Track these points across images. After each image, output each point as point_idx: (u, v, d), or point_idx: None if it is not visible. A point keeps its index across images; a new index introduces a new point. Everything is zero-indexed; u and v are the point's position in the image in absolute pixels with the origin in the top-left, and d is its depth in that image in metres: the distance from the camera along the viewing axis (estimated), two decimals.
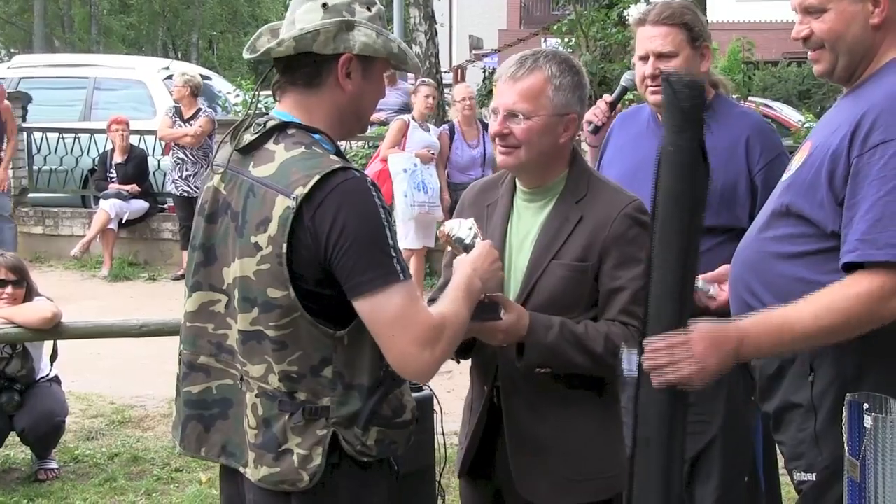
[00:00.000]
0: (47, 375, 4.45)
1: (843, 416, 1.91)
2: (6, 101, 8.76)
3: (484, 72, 15.33)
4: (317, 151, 1.85)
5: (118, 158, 9.07)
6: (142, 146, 9.41)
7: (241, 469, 1.93)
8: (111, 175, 9.08)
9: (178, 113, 8.73)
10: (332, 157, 1.85)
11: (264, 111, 1.98)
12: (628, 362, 1.96)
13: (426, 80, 8.22)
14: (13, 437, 4.41)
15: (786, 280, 2.13)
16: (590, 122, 3.10)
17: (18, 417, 4.28)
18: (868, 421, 1.86)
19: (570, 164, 2.26)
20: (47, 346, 4.45)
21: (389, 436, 1.89)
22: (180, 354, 2.03)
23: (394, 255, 1.81)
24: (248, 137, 1.91)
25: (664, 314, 1.89)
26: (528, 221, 2.27)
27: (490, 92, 12.82)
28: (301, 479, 1.84)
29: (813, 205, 2.07)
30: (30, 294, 4.21)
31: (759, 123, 2.72)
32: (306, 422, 1.84)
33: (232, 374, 1.94)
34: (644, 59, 2.69)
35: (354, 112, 1.95)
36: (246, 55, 1.96)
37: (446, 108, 11.25)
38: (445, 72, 15.17)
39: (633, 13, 11.26)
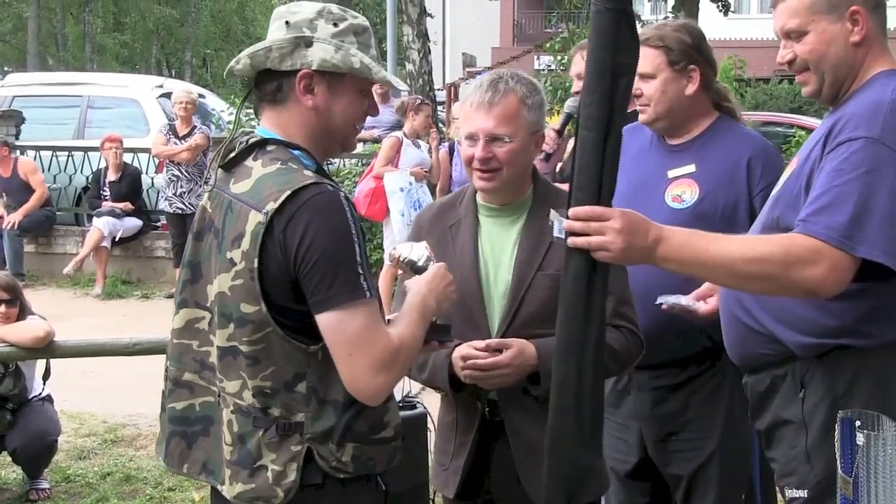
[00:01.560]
0: (40, 394, 4.43)
1: (836, 433, 1.91)
2: (20, 156, 9.19)
3: None
4: (292, 167, 1.86)
5: (112, 176, 9.08)
6: (135, 164, 9.42)
7: (219, 486, 1.93)
8: (104, 193, 9.07)
9: (172, 130, 8.75)
10: (307, 172, 1.86)
11: (252, 130, 2.01)
12: (558, 228, 1.98)
13: (424, 99, 8.25)
14: (5, 457, 4.40)
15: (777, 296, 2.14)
16: (541, 151, 3.13)
17: (10, 437, 4.26)
18: (860, 438, 1.86)
19: (534, 179, 2.33)
20: (40, 364, 4.44)
21: (367, 452, 1.88)
22: (166, 370, 2.04)
23: (361, 272, 1.81)
24: (230, 155, 1.93)
25: (586, 183, 1.90)
26: (500, 237, 2.30)
27: None
28: (276, 496, 1.84)
29: (796, 215, 2.09)
30: (23, 313, 4.20)
31: (762, 145, 2.71)
32: (280, 438, 1.85)
33: (213, 391, 1.95)
34: None
35: (325, 129, 1.93)
36: (226, 76, 2.02)
37: (440, 125, 11.28)
38: (438, 89, 15.22)
39: None
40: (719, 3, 15.32)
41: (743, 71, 13.16)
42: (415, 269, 2.12)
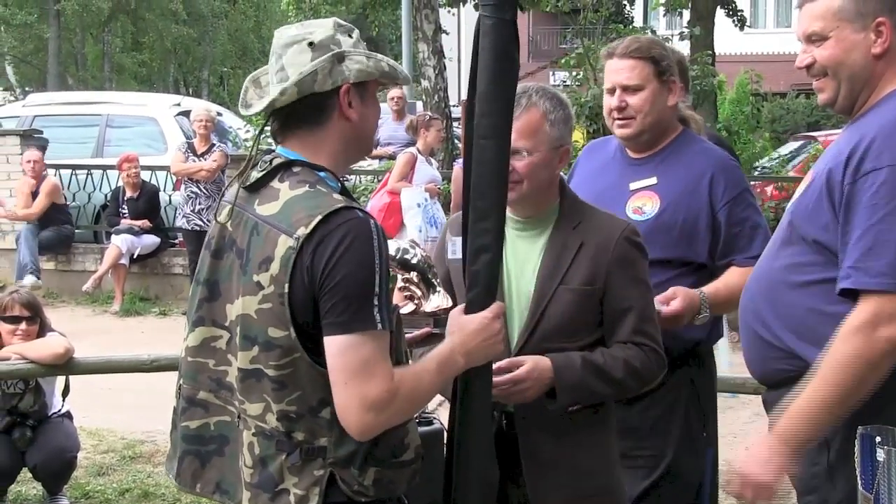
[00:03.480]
0: (59, 411, 4.45)
1: (855, 449, 1.90)
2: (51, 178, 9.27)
3: None
4: (321, 191, 1.85)
5: (130, 194, 9.15)
6: (153, 182, 9.48)
7: None
8: (123, 211, 9.15)
9: (190, 148, 8.81)
10: (336, 195, 1.85)
11: (271, 148, 1.98)
12: (452, 249, 2.03)
13: (435, 115, 8.28)
14: (25, 473, 4.41)
15: (798, 311, 2.13)
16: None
17: (30, 453, 4.28)
18: (880, 454, 1.85)
19: (561, 193, 2.34)
20: (59, 381, 4.46)
21: (388, 476, 1.87)
22: (179, 388, 2.03)
23: (377, 303, 1.77)
24: (254, 175, 1.91)
25: (488, 190, 1.96)
26: (524, 250, 2.31)
27: None
28: None
29: (818, 228, 2.09)
30: (43, 330, 4.23)
31: (724, 160, 2.73)
32: (303, 462, 1.83)
33: (230, 411, 1.94)
34: (611, 91, 2.70)
35: (359, 138, 1.96)
36: (244, 111, 1.95)
37: (456, 141, 11.31)
38: (454, 105, 15.24)
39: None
40: (735, 18, 15.29)
41: (759, 85, 13.11)
42: (406, 266, 2.13)
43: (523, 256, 2.31)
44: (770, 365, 2.22)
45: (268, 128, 2.00)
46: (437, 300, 2.24)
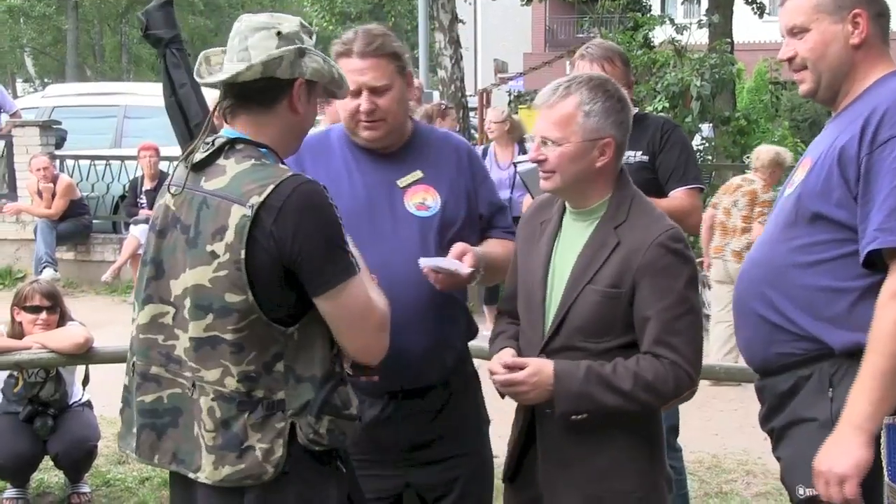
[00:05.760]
0: (80, 400, 4.49)
1: (882, 439, 1.88)
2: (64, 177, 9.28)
3: (509, 95, 15.36)
4: (266, 163, 1.98)
5: (148, 185, 9.19)
6: (171, 172, 9.51)
7: (192, 475, 2.00)
8: (141, 202, 9.19)
9: None
10: (282, 166, 1.98)
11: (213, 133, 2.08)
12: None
13: (447, 104, 8.27)
14: (47, 462, 4.45)
15: (810, 291, 2.11)
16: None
17: (52, 442, 4.32)
18: None
19: (617, 187, 2.25)
20: (80, 370, 4.49)
21: (339, 426, 1.99)
22: (133, 365, 2.11)
23: (348, 250, 1.95)
24: (199, 156, 2.02)
25: None
26: (572, 242, 2.27)
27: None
28: (266, 472, 1.93)
29: (830, 204, 2.08)
30: (63, 319, 4.26)
31: (461, 139, 2.72)
32: (265, 417, 1.94)
33: (181, 382, 2.02)
34: (356, 93, 2.42)
35: (298, 133, 2.09)
36: (200, 80, 2.02)
37: (472, 131, 11.29)
38: (471, 95, 15.20)
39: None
40: (754, 5, 15.17)
41: (778, 74, 12.99)
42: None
43: (570, 249, 2.26)
44: (775, 349, 2.18)
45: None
46: None
